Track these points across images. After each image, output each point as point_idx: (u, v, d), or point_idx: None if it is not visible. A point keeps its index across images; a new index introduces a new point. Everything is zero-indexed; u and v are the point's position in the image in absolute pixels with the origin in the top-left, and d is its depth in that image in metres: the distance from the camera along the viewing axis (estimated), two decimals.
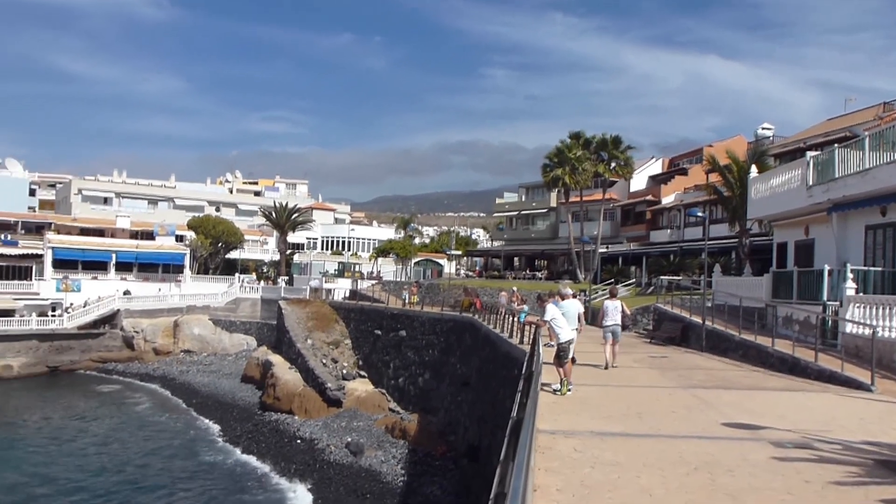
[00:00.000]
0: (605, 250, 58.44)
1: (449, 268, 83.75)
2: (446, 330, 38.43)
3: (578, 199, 58.97)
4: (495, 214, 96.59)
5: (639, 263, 55.37)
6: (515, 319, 25.64)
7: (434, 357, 39.36)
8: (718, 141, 64.18)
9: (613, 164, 57.15)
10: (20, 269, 63.78)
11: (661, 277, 42.44)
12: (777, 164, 36.44)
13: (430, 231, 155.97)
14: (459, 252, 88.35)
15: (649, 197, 63.59)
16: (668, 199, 61.41)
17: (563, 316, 15.50)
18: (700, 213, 33.00)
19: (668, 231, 59.25)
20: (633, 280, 51.60)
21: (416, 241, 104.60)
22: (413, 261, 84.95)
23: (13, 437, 38.32)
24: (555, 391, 14.04)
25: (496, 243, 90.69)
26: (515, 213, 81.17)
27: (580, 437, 10.30)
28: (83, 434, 39.39)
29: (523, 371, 13.66)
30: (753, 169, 31.17)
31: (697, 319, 26.09)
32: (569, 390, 14.10)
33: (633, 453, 9.36)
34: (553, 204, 73.24)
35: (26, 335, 57.33)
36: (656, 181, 65.96)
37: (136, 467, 33.45)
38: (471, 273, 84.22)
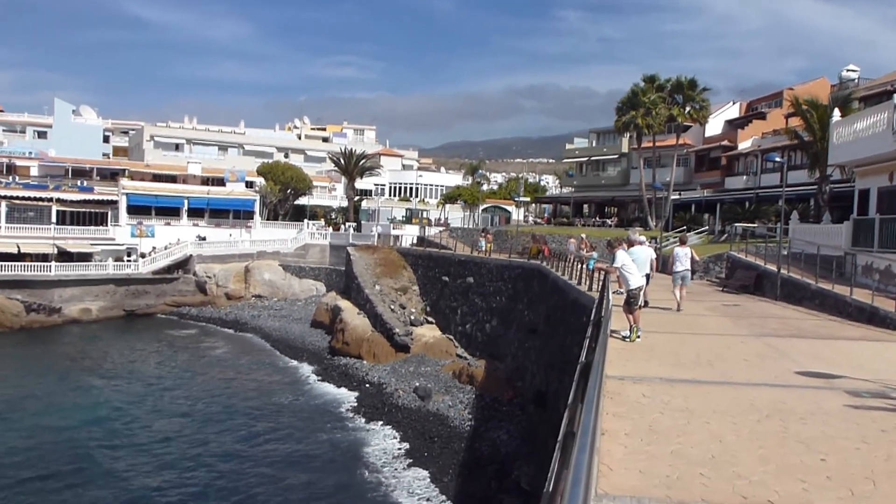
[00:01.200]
0: (677, 197, 57.34)
1: (517, 214, 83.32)
2: (514, 277, 38.40)
3: (651, 144, 57.72)
4: (565, 160, 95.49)
5: (712, 211, 54.19)
6: (584, 266, 25.44)
7: (501, 304, 39.45)
8: (800, 84, 61.81)
9: (688, 108, 55.64)
10: (96, 215, 65.50)
11: (736, 225, 41.54)
12: (862, 108, 34.94)
13: (498, 177, 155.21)
14: (528, 199, 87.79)
15: (725, 142, 61.85)
16: (744, 145, 59.64)
17: (633, 262, 15.33)
18: (778, 159, 31.88)
19: (744, 177, 57.65)
20: (706, 228, 50.58)
21: (485, 187, 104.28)
22: (481, 207, 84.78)
23: (98, 376, 40.12)
24: (624, 338, 13.94)
25: (565, 190, 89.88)
26: (586, 158, 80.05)
27: (649, 382, 10.23)
28: (165, 375, 41.02)
29: (592, 317, 13.59)
30: (836, 112, 29.95)
31: (772, 267, 25.50)
32: (638, 337, 13.99)
33: (704, 400, 9.27)
34: (625, 149, 71.94)
35: (103, 279, 59.01)
36: (733, 126, 64.01)
37: (219, 405, 34.80)
38: (539, 220, 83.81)
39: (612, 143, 74.64)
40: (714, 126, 64.52)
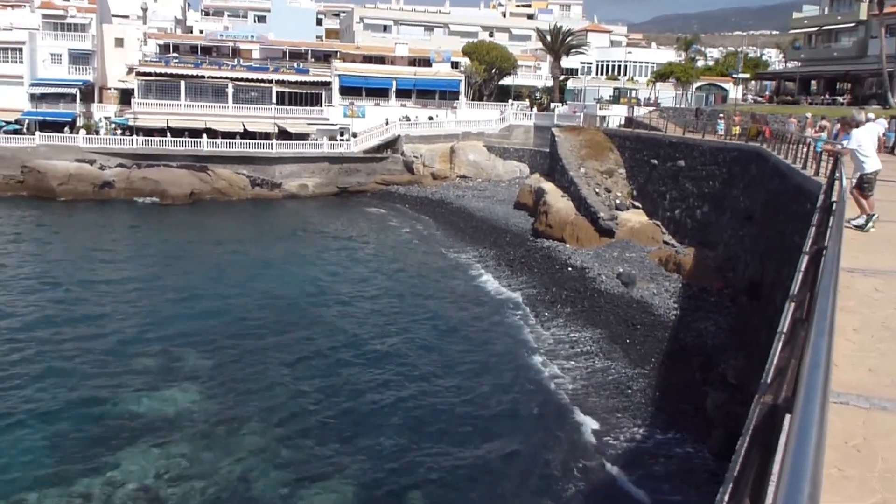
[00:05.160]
0: None
1: (735, 93, 77.93)
2: (729, 160, 36.13)
3: (895, 8, 51.35)
4: (791, 31, 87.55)
5: None
6: (811, 149, 23.35)
7: (714, 189, 37.47)
8: None
9: None
10: (311, 96, 68.89)
11: None
12: None
13: (714, 52, 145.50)
14: (747, 75, 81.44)
15: None
16: None
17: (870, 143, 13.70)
18: None
19: None
20: None
21: (699, 63, 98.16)
22: (695, 85, 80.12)
23: (312, 247, 44.43)
24: (855, 226, 12.58)
25: (790, 64, 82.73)
26: (815, 28, 72.71)
27: (883, 276, 9.14)
28: (370, 248, 44.78)
29: (819, 203, 12.36)
30: None
31: None
32: (872, 226, 12.56)
33: None
34: (863, 16, 64.46)
35: (319, 157, 62.93)
36: None
37: (417, 285, 37.01)
38: (759, 98, 78.07)
39: (847, 9, 67.17)
40: None
